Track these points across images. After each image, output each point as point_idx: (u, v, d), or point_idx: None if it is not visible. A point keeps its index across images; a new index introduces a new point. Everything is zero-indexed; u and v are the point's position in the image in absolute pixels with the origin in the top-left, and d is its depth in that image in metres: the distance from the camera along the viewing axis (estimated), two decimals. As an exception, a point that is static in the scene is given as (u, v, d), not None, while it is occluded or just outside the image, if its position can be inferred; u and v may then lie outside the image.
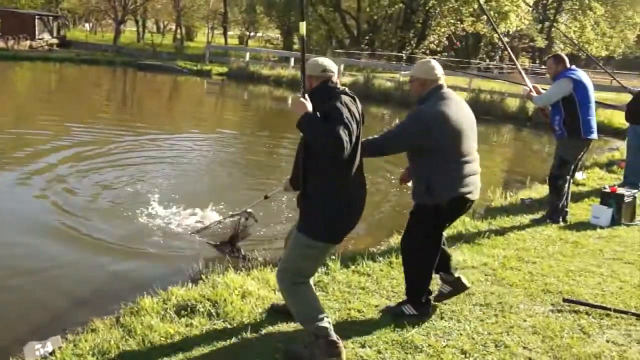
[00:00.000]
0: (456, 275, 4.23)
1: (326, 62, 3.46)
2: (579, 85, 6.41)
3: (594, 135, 6.64)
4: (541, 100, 6.67)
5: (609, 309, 4.18)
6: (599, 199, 7.72)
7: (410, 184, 4.09)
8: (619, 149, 12.04)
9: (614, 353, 3.63)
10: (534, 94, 6.76)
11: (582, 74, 6.53)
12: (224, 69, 26.23)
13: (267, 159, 10.91)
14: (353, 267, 4.94)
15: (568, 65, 6.61)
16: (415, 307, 4.00)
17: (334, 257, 4.96)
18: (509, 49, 7.83)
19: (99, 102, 17.31)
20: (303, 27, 3.35)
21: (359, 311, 4.11)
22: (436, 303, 4.22)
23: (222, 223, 5.77)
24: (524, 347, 3.66)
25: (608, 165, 10.29)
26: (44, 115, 13.78)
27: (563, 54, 6.95)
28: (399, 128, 3.89)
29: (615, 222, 6.65)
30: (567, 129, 6.45)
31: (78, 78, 23.63)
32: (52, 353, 3.47)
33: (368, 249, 5.39)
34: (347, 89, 3.39)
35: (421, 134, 3.73)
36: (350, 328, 3.85)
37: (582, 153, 6.79)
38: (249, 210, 5.68)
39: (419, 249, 3.94)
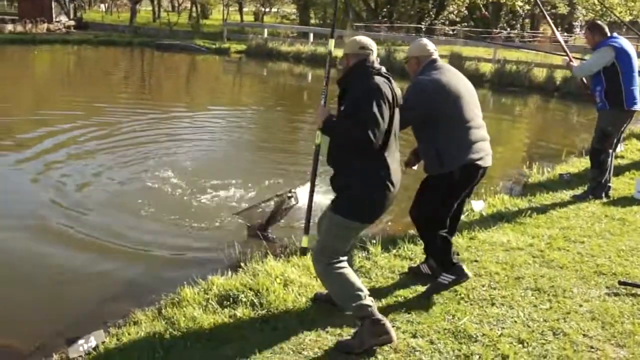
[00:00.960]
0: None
1: (364, 40, 3.44)
2: (621, 53, 6.12)
3: (638, 106, 6.36)
4: (581, 71, 6.39)
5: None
6: (638, 173, 7.50)
7: (415, 167, 4.24)
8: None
9: (680, 339, 3.45)
10: (574, 63, 6.48)
11: (624, 42, 6.23)
12: (243, 47, 25.91)
13: (290, 136, 10.73)
14: (394, 250, 4.79)
15: (608, 33, 6.31)
16: (450, 272, 4.01)
17: (374, 241, 4.82)
18: (548, 18, 7.52)
19: (119, 82, 17.18)
20: (332, 44, 4.31)
21: (405, 298, 3.97)
22: (487, 290, 4.06)
23: (265, 204, 5.57)
24: (584, 335, 3.49)
25: (639, 137, 9.96)
26: (64, 96, 13.73)
27: (600, 22, 6.65)
28: (404, 104, 3.80)
29: (660, 196, 6.40)
30: (609, 99, 6.18)
31: (97, 60, 23.50)
32: (95, 348, 3.39)
33: (407, 231, 5.21)
34: (383, 69, 3.35)
35: (421, 103, 3.80)
36: (399, 317, 3.71)
37: (625, 125, 6.52)
38: (293, 190, 5.56)
39: (433, 217, 3.96)
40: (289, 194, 5.54)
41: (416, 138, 4.08)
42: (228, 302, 3.85)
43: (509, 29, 39.72)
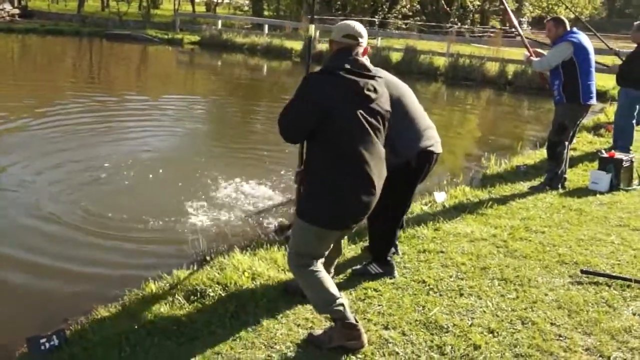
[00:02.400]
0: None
1: (352, 27, 3.20)
2: (579, 48, 6.26)
3: (594, 101, 6.54)
4: (541, 65, 6.51)
5: (630, 280, 4.09)
6: (592, 164, 7.71)
7: None
8: (604, 111, 12.01)
9: (644, 326, 3.55)
10: (534, 58, 6.60)
11: (583, 37, 6.38)
12: (196, 38, 25.46)
13: (247, 126, 10.60)
14: (361, 242, 4.76)
15: (568, 28, 6.45)
16: (380, 266, 4.14)
17: (341, 233, 4.77)
18: (511, 14, 7.62)
19: (69, 73, 16.64)
20: (312, 29, 4.08)
21: (375, 290, 3.94)
22: (455, 280, 4.09)
23: (278, 207, 5.54)
24: (552, 324, 3.55)
25: (595, 129, 10.25)
26: (8, 86, 13.19)
27: (563, 17, 6.80)
28: None
29: (613, 187, 6.59)
30: (566, 94, 6.32)
31: (45, 49, 22.69)
32: (58, 346, 3.24)
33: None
34: (366, 65, 3.12)
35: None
36: (369, 308, 3.69)
37: (580, 119, 6.69)
38: None
39: (389, 208, 3.92)
40: None
41: None
42: (195, 297, 3.75)
43: (459, 24, 40.35)
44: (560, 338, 3.40)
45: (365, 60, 3.14)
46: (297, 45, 22.35)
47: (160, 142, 8.72)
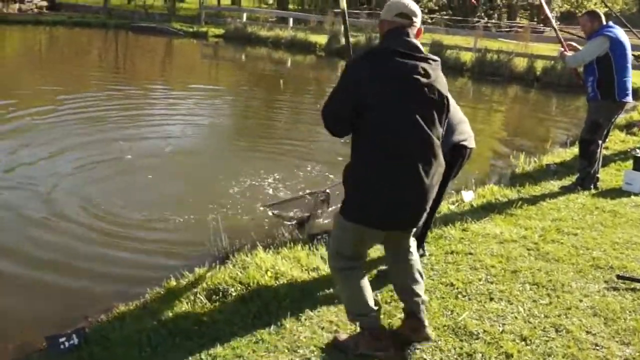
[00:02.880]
0: None
1: (407, 6, 2.91)
2: (615, 43, 6.03)
3: (629, 98, 6.31)
4: (575, 60, 6.29)
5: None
6: (625, 164, 7.48)
7: None
8: (637, 109, 11.68)
9: (685, 337, 3.37)
10: (568, 53, 6.38)
11: (619, 32, 6.15)
12: (221, 31, 25.41)
13: (271, 120, 10.51)
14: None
15: (604, 21, 6.22)
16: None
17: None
18: (546, 7, 7.38)
19: (95, 65, 16.72)
20: (343, 2, 3.73)
21: (402, 292, 3.82)
22: (485, 284, 3.95)
23: (298, 200, 5.45)
24: (587, 332, 3.39)
25: (627, 127, 9.95)
26: (40, 77, 13.26)
27: (597, 10, 6.56)
28: None
29: (648, 188, 6.36)
30: (600, 90, 6.09)
31: (72, 41, 22.86)
32: (78, 346, 3.18)
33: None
34: (418, 50, 2.81)
35: None
36: (396, 312, 3.56)
37: (615, 116, 6.47)
38: (327, 190, 5.39)
39: None
40: (321, 196, 5.38)
41: None
42: (217, 297, 3.66)
43: (486, 18, 39.81)
44: (597, 347, 3.24)
45: (418, 43, 2.85)
46: (321, 39, 22.19)
47: (183, 136, 8.66)
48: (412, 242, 3.24)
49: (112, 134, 8.35)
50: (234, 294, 3.69)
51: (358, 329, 3.14)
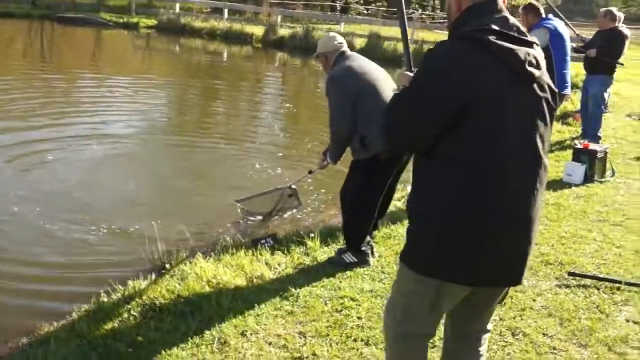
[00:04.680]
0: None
1: None
2: (555, 36, 6.05)
3: (568, 90, 6.36)
4: (516, 53, 6.25)
5: (619, 282, 3.88)
6: (564, 154, 7.55)
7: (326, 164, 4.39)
8: (570, 100, 11.93)
9: (640, 335, 3.32)
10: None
11: (558, 24, 6.17)
12: (153, 22, 24.55)
13: (208, 116, 10.12)
14: (334, 244, 4.44)
15: (543, 14, 6.22)
16: (355, 255, 4.07)
17: (312, 235, 4.44)
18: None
19: (20, 56, 15.76)
20: None
21: (352, 299, 3.63)
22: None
23: (265, 195, 5.25)
24: (544, 334, 3.29)
25: (563, 118, 10.13)
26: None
27: (535, 3, 6.56)
28: (332, 107, 3.92)
29: (587, 179, 6.42)
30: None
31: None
32: (-7, 378, 2.82)
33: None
34: (521, 30, 2.01)
35: (343, 94, 3.84)
36: (347, 321, 3.37)
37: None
38: (293, 186, 5.20)
39: (358, 197, 3.99)
40: (289, 192, 5.18)
41: None
42: (153, 313, 3.37)
43: (420, 10, 40.28)
44: (555, 351, 3.14)
45: (515, 20, 2.04)
46: (258, 31, 21.77)
47: (114, 133, 8.14)
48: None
49: (33, 132, 7.76)
50: (171, 309, 3.39)
51: None
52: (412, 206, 2.09)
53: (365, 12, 33.69)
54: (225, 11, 24.84)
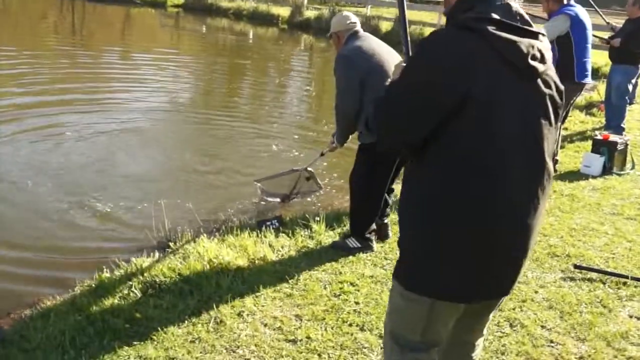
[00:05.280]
0: (385, 221, 4.29)
1: None
2: (576, 23, 5.88)
3: (589, 79, 6.19)
4: (536, 40, 6.11)
5: (626, 277, 3.80)
6: (585, 144, 7.41)
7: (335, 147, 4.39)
8: (596, 89, 11.68)
9: (641, 331, 3.26)
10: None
11: (580, 11, 5.99)
12: (180, 0, 24.68)
13: (230, 100, 10.15)
14: (339, 229, 4.44)
15: (564, 1, 6.05)
16: (359, 241, 4.07)
17: (318, 219, 4.44)
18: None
19: (52, 32, 15.96)
20: None
21: (352, 284, 3.63)
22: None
23: (282, 176, 5.29)
24: (542, 327, 3.25)
25: (587, 108, 9.91)
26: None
27: (559, -11, 6.39)
28: (338, 86, 3.91)
29: (606, 171, 6.29)
30: (559, 71, 5.89)
31: (22, 10, 21.85)
32: (-7, 348, 2.89)
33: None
34: (524, 19, 1.81)
35: (351, 73, 3.80)
36: (345, 306, 3.37)
37: (574, 97, 6.35)
38: (308, 168, 5.23)
39: (366, 183, 3.98)
40: (306, 174, 5.21)
41: None
42: (153, 290, 3.41)
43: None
44: (552, 344, 3.10)
45: (520, 7, 1.84)
46: (284, 12, 21.69)
47: (135, 108, 8.24)
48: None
49: (55, 109, 7.86)
50: (171, 287, 3.44)
51: None
52: (399, 215, 1.94)
53: (394, -5, 33.19)
54: (253, -9, 24.77)
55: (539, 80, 1.78)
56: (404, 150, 1.93)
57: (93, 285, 3.49)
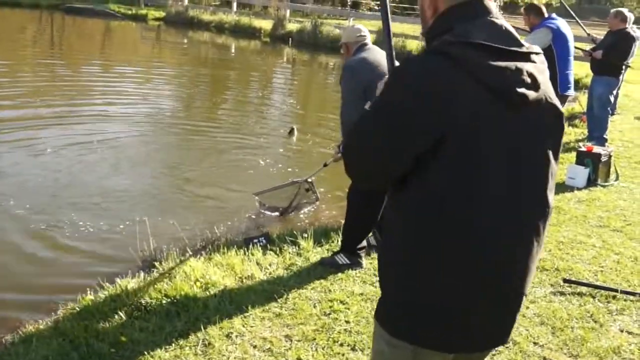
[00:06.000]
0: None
1: None
2: (558, 35, 5.96)
3: (571, 92, 6.27)
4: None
5: (615, 290, 3.80)
6: (569, 156, 7.45)
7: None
8: (578, 101, 11.80)
9: (633, 346, 3.25)
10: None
11: (562, 24, 6.07)
12: (161, 14, 24.58)
13: (213, 112, 10.08)
14: (327, 245, 4.39)
15: (545, 14, 6.13)
16: (348, 257, 4.05)
17: (305, 235, 4.39)
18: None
19: (28, 46, 15.77)
20: None
21: (342, 302, 3.58)
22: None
23: (282, 188, 5.33)
24: (535, 343, 3.23)
25: (570, 119, 10.00)
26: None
27: (537, 3, 6.48)
28: (344, 96, 3.98)
29: (590, 182, 6.33)
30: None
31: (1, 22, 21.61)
32: (-27, 377, 2.79)
33: (341, 221, 4.82)
34: (514, 39, 1.60)
35: (355, 82, 3.86)
36: (335, 325, 3.32)
37: (558, 110, 6.40)
38: (309, 180, 5.25)
39: (363, 200, 3.97)
40: (306, 186, 5.24)
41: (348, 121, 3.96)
42: (139, 313, 3.32)
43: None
44: (545, 361, 3.08)
45: (508, 24, 1.64)
46: (266, 25, 21.70)
47: (114, 126, 8.09)
48: None
49: (35, 123, 7.73)
50: (158, 309, 3.35)
51: None
52: (379, 249, 1.75)
53: (376, 7, 33.44)
54: (234, 4, 24.77)
55: (532, 109, 1.56)
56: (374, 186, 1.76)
57: (76, 308, 3.40)
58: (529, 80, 1.54)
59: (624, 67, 7.81)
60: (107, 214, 5.05)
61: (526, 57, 1.57)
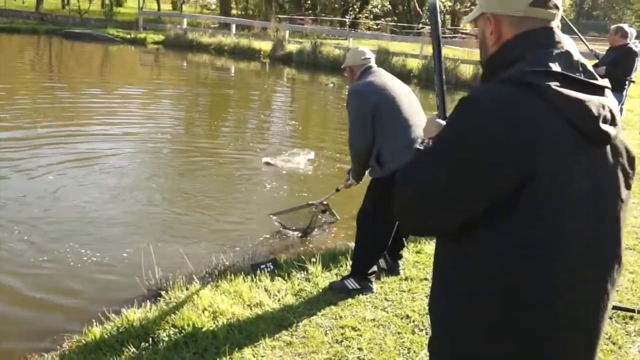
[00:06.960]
0: (398, 261, 4.31)
1: None
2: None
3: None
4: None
5: (633, 311, 3.72)
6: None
7: (351, 184, 4.36)
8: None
9: (655, 369, 3.16)
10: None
11: (565, 40, 6.03)
12: (160, 37, 24.66)
13: (215, 138, 10.04)
14: (336, 269, 4.31)
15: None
16: (358, 282, 3.96)
17: (314, 260, 4.32)
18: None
19: (27, 71, 15.81)
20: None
21: (354, 329, 3.50)
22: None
23: (297, 210, 5.39)
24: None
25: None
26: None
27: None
28: (351, 121, 3.90)
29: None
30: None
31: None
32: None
33: (349, 244, 4.75)
34: (587, 71, 1.44)
35: (362, 107, 3.80)
36: (348, 353, 3.23)
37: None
38: (324, 202, 5.25)
39: (373, 223, 3.91)
40: (322, 207, 5.26)
41: None
42: (146, 344, 3.24)
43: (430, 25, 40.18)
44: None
45: (580, 54, 1.48)
46: (265, 46, 21.80)
47: (114, 148, 8.02)
48: None
49: (37, 151, 7.68)
50: (165, 339, 3.27)
51: None
52: (430, 308, 1.56)
53: (375, 27, 33.71)
54: (233, 26, 24.92)
55: (610, 148, 1.43)
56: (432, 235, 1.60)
57: (82, 340, 3.31)
58: (609, 116, 1.40)
59: (627, 82, 7.79)
60: (110, 241, 4.97)
61: (602, 91, 1.43)
